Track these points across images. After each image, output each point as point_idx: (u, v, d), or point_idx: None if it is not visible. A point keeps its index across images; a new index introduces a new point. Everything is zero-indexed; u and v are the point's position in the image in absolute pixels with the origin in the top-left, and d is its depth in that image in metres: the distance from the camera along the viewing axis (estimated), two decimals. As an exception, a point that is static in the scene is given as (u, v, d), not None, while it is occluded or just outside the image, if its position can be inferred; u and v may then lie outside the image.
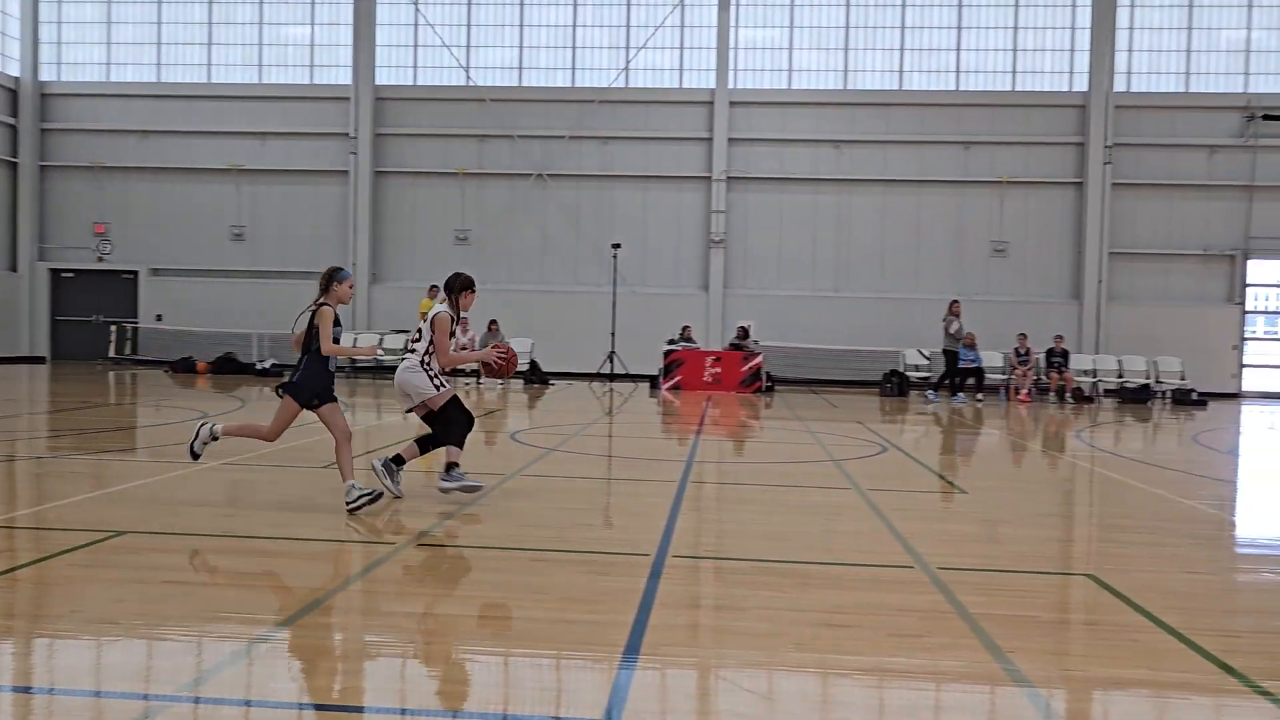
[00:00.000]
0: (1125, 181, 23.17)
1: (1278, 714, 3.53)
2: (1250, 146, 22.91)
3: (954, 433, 14.48)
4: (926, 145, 23.61)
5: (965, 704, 3.62)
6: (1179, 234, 23.30)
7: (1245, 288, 23.34)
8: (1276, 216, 22.98)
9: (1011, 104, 23.43)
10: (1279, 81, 23.28)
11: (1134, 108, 23.25)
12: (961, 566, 5.60)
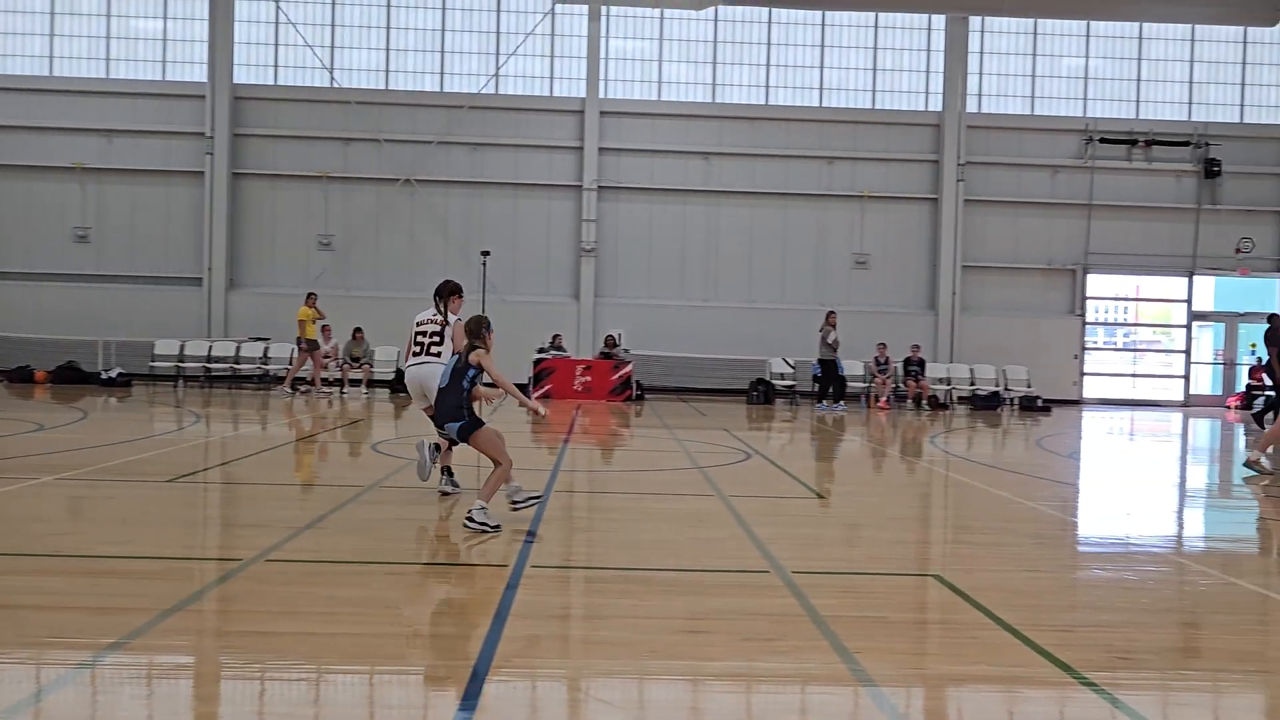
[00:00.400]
0: (976, 198, 24.28)
1: (1103, 704, 3.72)
2: (1089, 167, 24.33)
3: (816, 440, 14.85)
4: (792, 159, 24.21)
5: (811, 705, 3.69)
6: (1025, 249, 24.55)
7: (1085, 300, 24.75)
8: (1111, 233, 24.46)
9: (872, 121, 24.25)
10: (1114, 107, 24.81)
11: (984, 128, 24.39)
12: (816, 570, 5.72)
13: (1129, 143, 24.38)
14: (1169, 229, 24.62)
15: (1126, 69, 24.89)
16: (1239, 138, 24.60)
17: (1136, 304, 25.62)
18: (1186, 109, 24.87)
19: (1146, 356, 26.23)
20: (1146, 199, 24.53)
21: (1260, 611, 5.33)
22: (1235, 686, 4.04)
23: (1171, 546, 7.33)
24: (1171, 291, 25.26)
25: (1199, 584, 5.93)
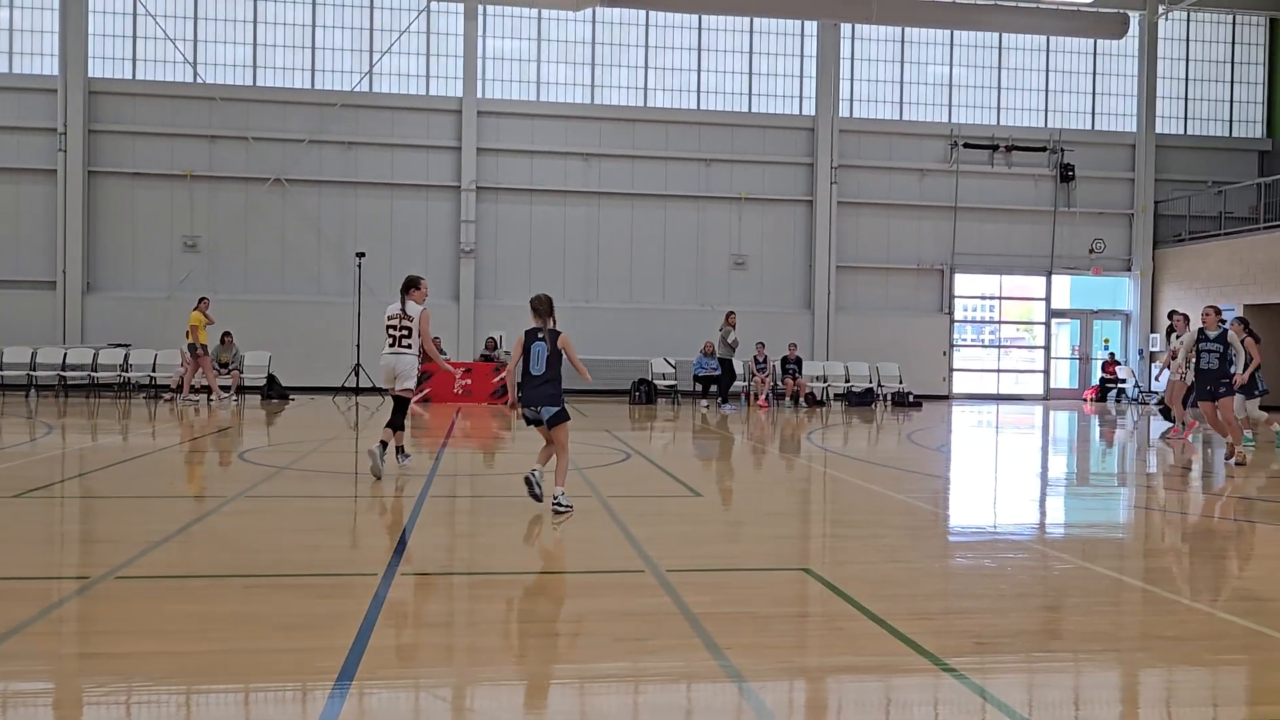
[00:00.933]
0: (849, 200, 24.95)
1: (962, 689, 3.82)
2: (954, 171, 25.29)
3: (697, 439, 14.98)
4: (671, 161, 24.41)
5: (679, 704, 3.68)
6: (896, 249, 25.35)
7: (953, 299, 25.71)
8: (976, 235, 25.49)
9: (748, 124, 24.66)
10: (977, 114, 25.84)
11: (856, 132, 25.09)
12: (690, 568, 5.74)
13: (991, 148, 25.45)
14: (1029, 230, 25.80)
15: (988, 77, 25.96)
16: (1091, 144, 25.96)
17: (1000, 302, 26.73)
18: (1043, 116, 26.09)
19: (1010, 352, 27.40)
20: (1008, 202, 25.64)
21: (1113, 594, 5.58)
22: (1088, 665, 4.21)
23: (1031, 534, 7.64)
24: (1032, 290, 26.47)
25: (1056, 569, 6.18)
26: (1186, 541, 7.49)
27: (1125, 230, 26.31)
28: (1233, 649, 4.45)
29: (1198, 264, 24.97)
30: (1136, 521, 8.34)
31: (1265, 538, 7.61)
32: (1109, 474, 11.99)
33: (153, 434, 14.02)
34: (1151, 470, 12.03)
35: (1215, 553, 7.05)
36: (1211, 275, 24.37)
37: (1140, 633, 4.85)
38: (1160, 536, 7.68)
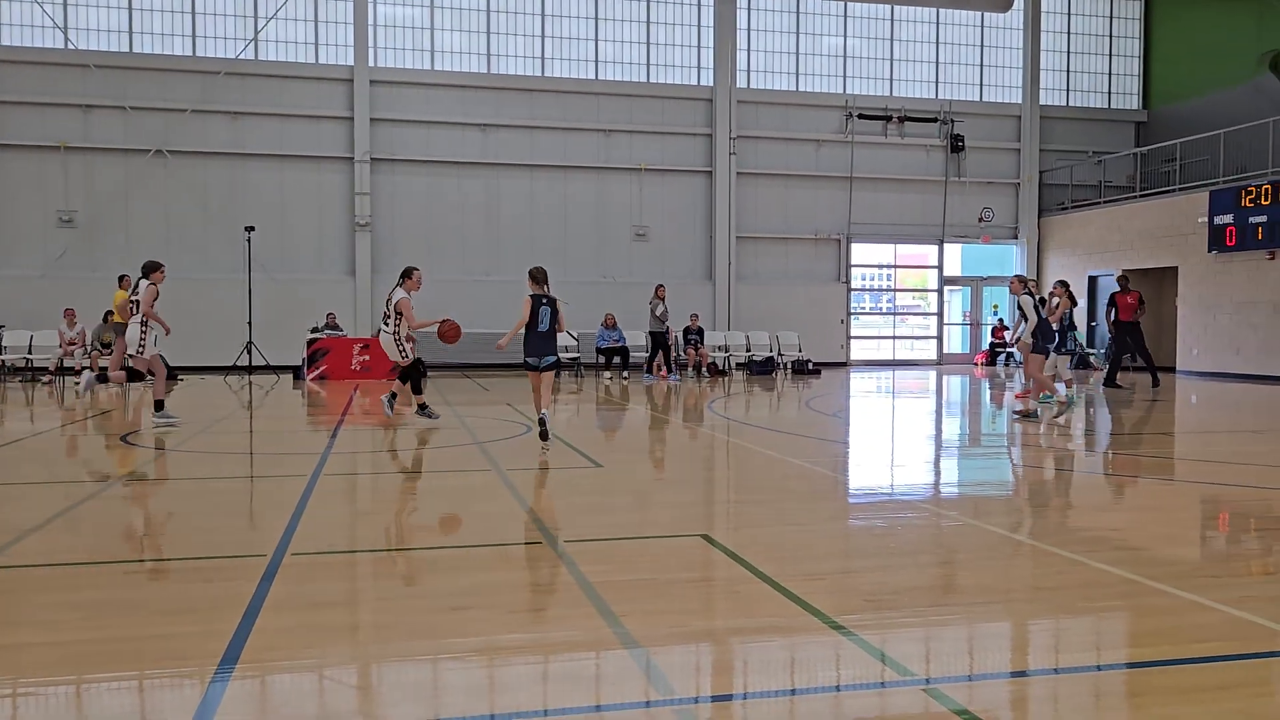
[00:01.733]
0: (748, 171, 25.14)
1: (850, 645, 3.90)
2: (849, 142, 25.69)
3: (599, 410, 14.98)
4: (570, 132, 24.20)
5: (571, 671, 3.67)
6: (795, 219, 25.68)
7: (850, 268, 26.20)
8: (871, 204, 25.99)
9: (646, 95, 24.59)
10: (871, 85, 26.27)
11: (753, 103, 25.25)
12: (588, 538, 5.73)
13: (884, 119, 25.92)
14: (921, 200, 26.42)
15: (881, 49, 26.38)
16: (980, 115, 26.67)
17: (895, 270, 27.35)
18: (934, 88, 26.67)
19: (905, 319, 28.08)
20: (901, 172, 26.19)
21: (999, 548, 5.77)
22: (974, 618, 4.35)
23: (923, 494, 7.86)
24: (925, 258, 27.16)
25: (944, 527, 6.37)
26: (1065, 496, 7.80)
27: (1012, 199, 27.16)
28: (1108, 596, 4.65)
29: (1080, 231, 25.94)
30: (1022, 478, 8.65)
31: (1136, 490, 7.98)
32: (997, 435, 12.41)
33: (30, 418, 13.37)
34: (1034, 430, 12.48)
35: (1091, 505, 7.36)
36: (1092, 242, 25.35)
37: (1024, 584, 5.03)
38: (1042, 491, 7.98)
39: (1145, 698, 3.45)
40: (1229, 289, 21.17)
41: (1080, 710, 3.34)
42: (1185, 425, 13.26)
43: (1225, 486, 8.07)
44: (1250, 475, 8.57)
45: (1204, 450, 10.73)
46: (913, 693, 3.44)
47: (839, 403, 16.45)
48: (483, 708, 3.34)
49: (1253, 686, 3.50)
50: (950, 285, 27.49)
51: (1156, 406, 15.17)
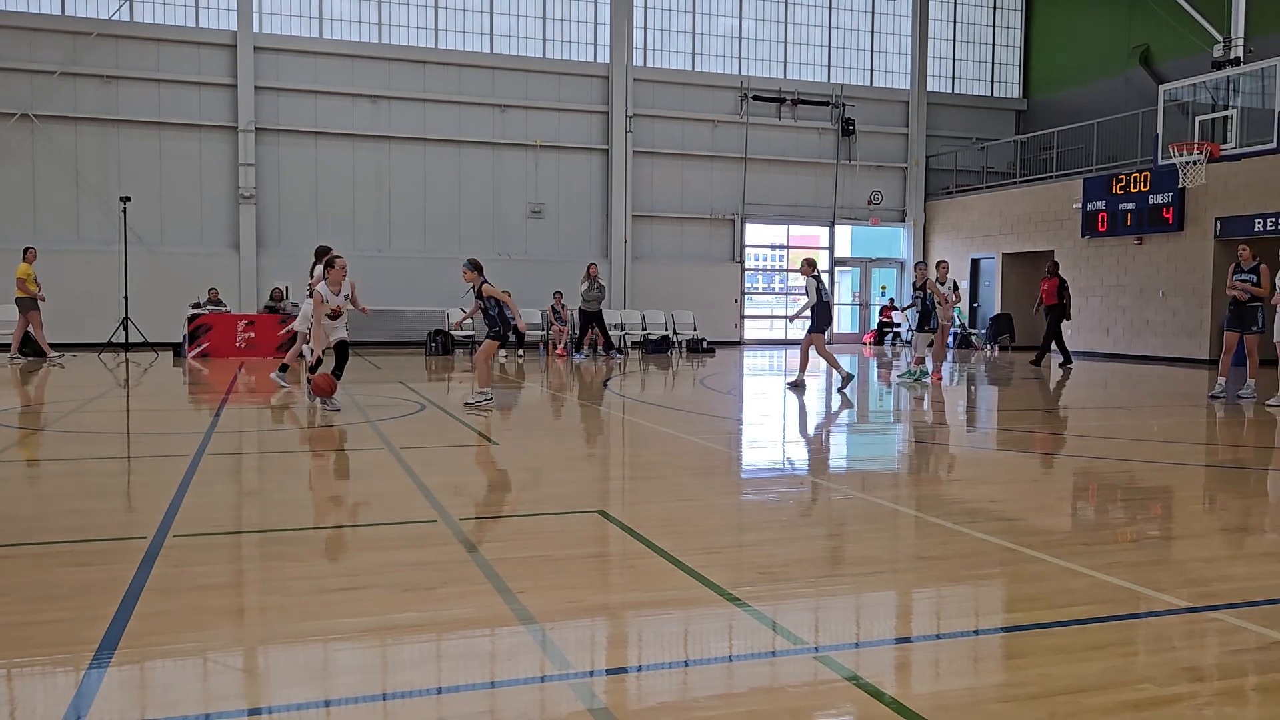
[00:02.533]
0: (644, 150, 25.17)
1: (745, 616, 3.96)
2: (744, 123, 25.95)
3: (494, 389, 14.83)
4: (464, 106, 23.81)
5: (467, 649, 3.64)
6: (690, 199, 25.85)
7: (744, 248, 26.53)
8: (765, 186, 26.34)
9: (543, 70, 24.34)
10: (765, 67, 26.56)
11: (650, 82, 25.26)
12: (485, 515, 5.69)
13: (779, 101, 26.26)
14: (813, 182, 26.90)
15: (775, 31, 26.68)
16: (870, 100, 27.26)
17: (788, 251, 27.81)
18: (826, 71, 27.13)
19: (798, 299, 28.56)
20: (794, 154, 26.60)
21: (886, 520, 5.95)
22: (862, 588, 4.47)
23: (813, 469, 8.03)
24: (817, 239, 27.69)
25: (834, 500, 6.52)
26: (949, 469, 8.08)
27: (900, 183, 27.88)
28: (987, 564, 4.84)
29: (963, 215, 26.81)
30: (907, 453, 8.92)
31: (1014, 463, 8.32)
32: (884, 411, 12.77)
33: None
34: (922, 407, 12.89)
35: (972, 478, 7.64)
36: (975, 226, 26.24)
37: (909, 554, 5.20)
38: (928, 465, 8.25)
39: (1022, 659, 3.60)
40: (1100, 272, 22.19)
41: (961, 673, 3.47)
42: (1060, 402, 13.87)
43: (1095, 459, 8.49)
44: (1118, 449, 9.03)
45: (1076, 425, 11.25)
46: (804, 661, 3.52)
47: (733, 381, 16.68)
48: (376, 687, 3.28)
49: (1120, 646, 3.69)
50: (841, 266, 28.10)
51: (1032, 384, 15.83)
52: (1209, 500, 6.84)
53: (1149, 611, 4.08)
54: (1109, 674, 3.34)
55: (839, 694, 3.21)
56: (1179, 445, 9.30)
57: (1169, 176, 18.00)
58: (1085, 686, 3.22)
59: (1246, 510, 6.45)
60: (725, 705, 3.11)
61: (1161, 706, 3.08)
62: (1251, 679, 3.36)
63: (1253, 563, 4.92)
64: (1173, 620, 3.98)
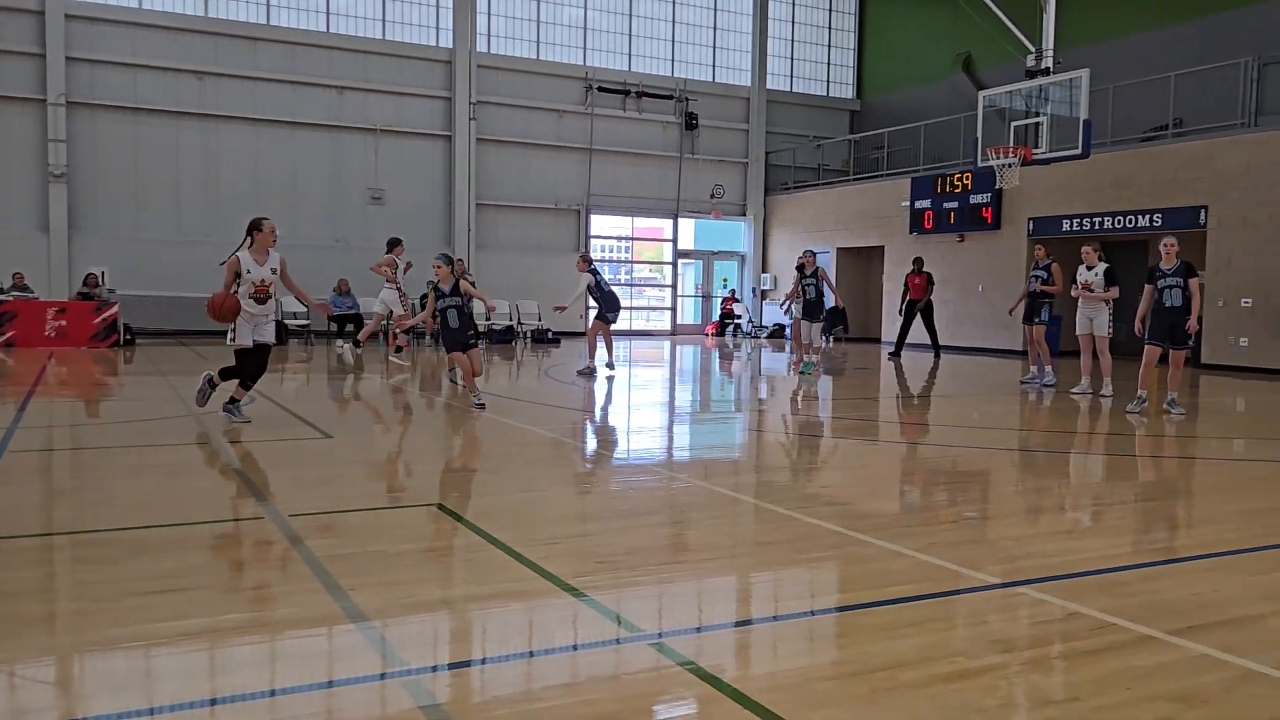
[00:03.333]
0: (489, 138, 24.85)
1: (584, 607, 3.97)
2: (589, 114, 25.97)
3: (332, 380, 14.38)
4: (300, 86, 22.89)
5: (299, 650, 3.50)
6: (535, 188, 25.68)
7: (589, 239, 26.57)
8: (610, 177, 26.45)
9: (383, 53, 23.67)
10: (610, 59, 26.66)
11: (495, 68, 24.94)
12: (315, 511, 5.49)
13: (623, 93, 26.40)
14: (658, 174, 27.19)
15: (620, 23, 26.80)
16: (712, 95, 27.75)
17: (632, 243, 28.03)
18: (670, 66, 27.45)
19: (643, 291, 28.87)
20: (638, 146, 26.81)
21: (724, 508, 6.07)
22: (700, 574, 4.54)
23: (655, 458, 8.13)
24: (661, 231, 28.03)
25: (675, 488, 6.61)
26: (786, 457, 8.33)
27: (741, 177, 28.51)
28: (819, 548, 5.01)
29: (800, 211, 27.67)
30: (748, 442, 9.14)
31: (845, 450, 8.66)
32: (726, 401, 13.05)
33: None
34: (762, 396, 13.25)
35: (808, 466, 7.91)
36: (812, 221, 27.12)
37: (746, 540, 5.32)
38: (766, 454, 8.48)
39: (850, 638, 3.74)
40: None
41: (796, 654, 3.58)
42: (889, 391, 14.51)
43: (919, 445, 8.92)
44: (940, 435, 9.52)
45: (904, 413, 11.80)
46: (642, 649, 3.55)
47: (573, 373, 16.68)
48: (201, 692, 3.11)
49: (939, 621, 3.89)
50: (684, 259, 28.53)
51: (865, 374, 16.50)
52: (1019, 482, 7.29)
53: (963, 589, 4.31)
54: (925, 649, 3.51)
55: (675, 679, 3.26)
56: (995, 431, 9.88)
57: (988, 178, 19.06)
58: (903, 662, 3.38)
59: (1050, 491, 6.91)
60: (564, 696, 3.10)
61: (972, 678, 3.26)
62: (1054, 648, 3.59)
63: (1055, 540, 5.27)
64: (985, 596, 4.21)
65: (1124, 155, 19.06)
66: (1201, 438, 9.56)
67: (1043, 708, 3.06)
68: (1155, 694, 3.15)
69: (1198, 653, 3.51)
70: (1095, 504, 6.52)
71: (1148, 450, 8.82)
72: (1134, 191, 18.79)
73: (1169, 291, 10.38)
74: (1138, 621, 3.82)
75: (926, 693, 3.13)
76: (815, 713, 2.97)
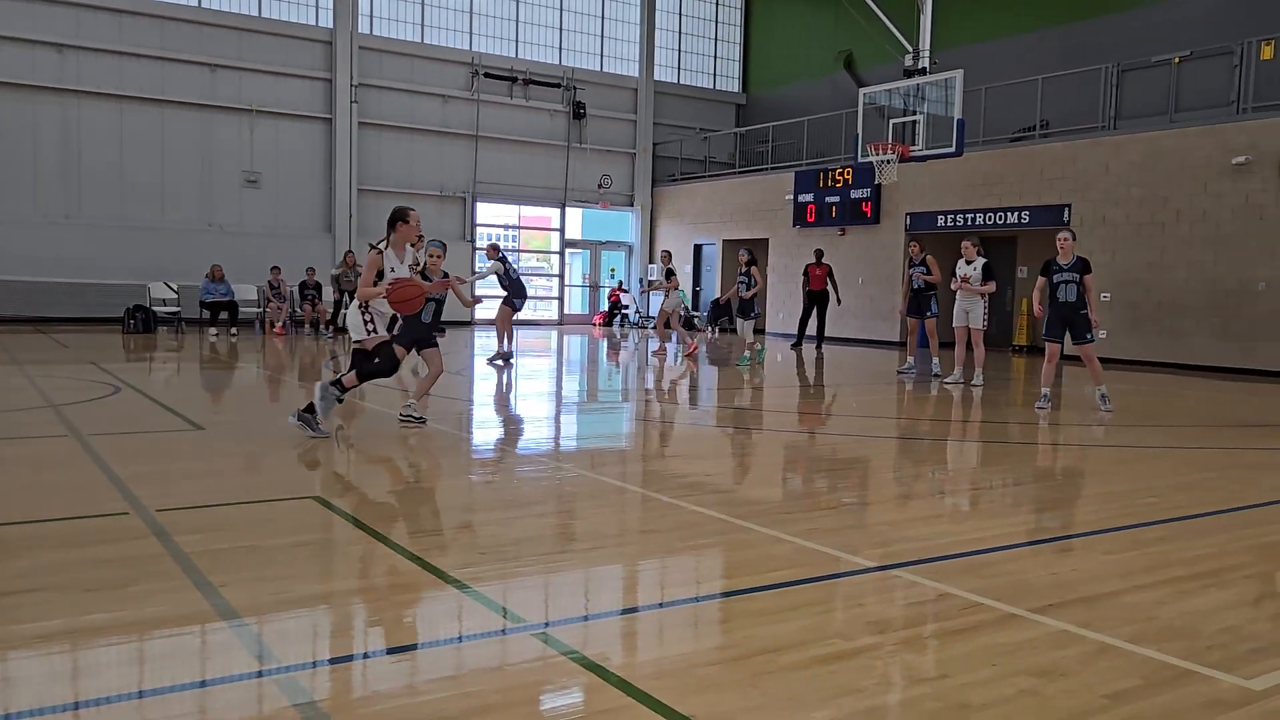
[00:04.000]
0: (371, 121, 24.26)
1: (467, 599, 3.91)
2: (475, 100, 25.62)
3: (205, 370, 13.84)
4: (170, 63, 21.89)
5: (166, 650, 3.35)
6: (420, 175, 25.20)
7: (475, 227, 26.24)
8: (496, 165, 26.16)
9: (260, 30, 22.84)
10: (498, 44, 26.33)
11: (378, 50, 24.35)
12: (184, 506, 5.27)
13: (510, 80, 26.13)
14: (545, 163, 27.02)
15: (507, 9, 26.50)
16: (601, 85, 27.72)
17: (520, 231, 27.81)
18: (558, 54, 27.28)
19: (530, 280, 28.61)
20: (526, 134, 26.59)
21: (611, 497, 6.08)
22: (586, 564, 4.53)
23: (542, 448, 8.08)
24: (548, 220, 27.88)
25: (562, 479, 6.59)
26: (671, 446, 8.40)
27: (629, 168, 28.58)
28: (702, 535, 5.06)
29: (687, 202, 27.90)
30: (634, 431, 9.18)
31: (729, 439, 8.78)
32: (613, 390, 13.08)
33: None
34: (649, 386, 13.32)
35: (692, 454, 7.99)
36: (698, 213, 27.38)
37: (632, 529, 5.34)
38: (652, 443, 8.53)
39: (732, 623, 3.80)
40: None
41: (679, 640, 3.61)
42: (772, 381, 14.78)
43: (801, 433, 9.11)
44: (820, 423, 9.74)
45: (786, 402, 12.03)
46: (526, 639, 3.52)
47: (462, 362, 16.48)
48: (63, 696, 2.95)
49: (818, 605, 3.98)
50: (571, 248, 28.45)
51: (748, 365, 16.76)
52: (896, 469, 7.53)
53: (842, 573, 4.42)
54: (803, 632, 3.59)
55: (560, 669, 3.24)
56: (873, 419, 10.17)
57: (868, 173, 19.57)
58: (783, 645, 3.44)
59: (924, 478, 7.15)
60: (445, 689, 3.06)
61: (848, 658, 3.35)
62: (926, 628, 3.72)
63: (928, 524, 5.46)
64: (861, 579, 4.33)
65: (995, 154, 19.84)
66: (1064, 425, 10.04)
67: (915, 685, 3.17)
68: (1019, 669, 3.29)
69: (1058, 629, 3.69)
70: (966, 490, 6.78)
71: (1016, 438, 9.22)
72: (1004, 189, 19.59)
73: (1064, 287, 10.42)
74: (1003, 601, 3.98)
75: (805, 674, 3.19)
76: (697, 698, 3.00)
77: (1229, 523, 5.70)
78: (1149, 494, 6.43)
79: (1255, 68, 16.31)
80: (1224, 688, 3.19)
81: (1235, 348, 16.15)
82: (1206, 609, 3.99)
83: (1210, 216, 16.43)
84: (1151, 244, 17.27)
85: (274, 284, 20.55)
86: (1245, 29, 17.11)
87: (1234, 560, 4.84)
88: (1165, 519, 5.64)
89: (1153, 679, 3.24)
